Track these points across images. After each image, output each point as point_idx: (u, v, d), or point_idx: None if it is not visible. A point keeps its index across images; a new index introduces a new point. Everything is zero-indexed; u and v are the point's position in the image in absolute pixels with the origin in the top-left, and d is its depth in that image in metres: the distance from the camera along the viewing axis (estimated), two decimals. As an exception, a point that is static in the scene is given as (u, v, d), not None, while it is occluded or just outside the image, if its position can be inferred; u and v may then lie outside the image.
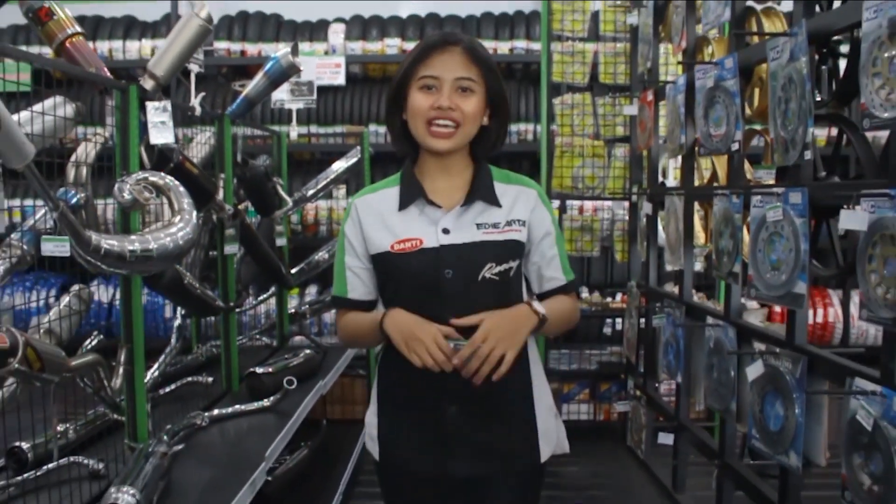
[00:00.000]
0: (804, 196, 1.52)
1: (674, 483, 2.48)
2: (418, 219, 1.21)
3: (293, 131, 3.35)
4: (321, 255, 2.68)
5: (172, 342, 1.91)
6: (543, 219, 1.25)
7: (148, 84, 1.54)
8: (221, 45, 3.70)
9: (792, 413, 1.53)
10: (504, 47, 3.55)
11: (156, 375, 1.79)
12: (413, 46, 1.25)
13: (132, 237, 1.26)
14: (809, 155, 1.52)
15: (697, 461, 2.41)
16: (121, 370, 1.44)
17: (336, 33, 3.67)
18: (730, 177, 2.03)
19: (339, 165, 2.73)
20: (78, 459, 1.40)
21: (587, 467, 1.22)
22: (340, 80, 3.49)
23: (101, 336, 1.46)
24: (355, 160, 2.77)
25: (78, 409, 1.53)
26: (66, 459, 1.38)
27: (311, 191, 2.67)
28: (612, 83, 3.31)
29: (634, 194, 3.04)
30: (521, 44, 3.55)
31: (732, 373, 1.89)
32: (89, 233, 1.18)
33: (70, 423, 1.50)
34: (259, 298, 2.59)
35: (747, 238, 1.79)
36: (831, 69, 1.73)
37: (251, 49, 3.72)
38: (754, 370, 1.65)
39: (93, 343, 1.46)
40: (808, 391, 1.48)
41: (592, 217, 3.39)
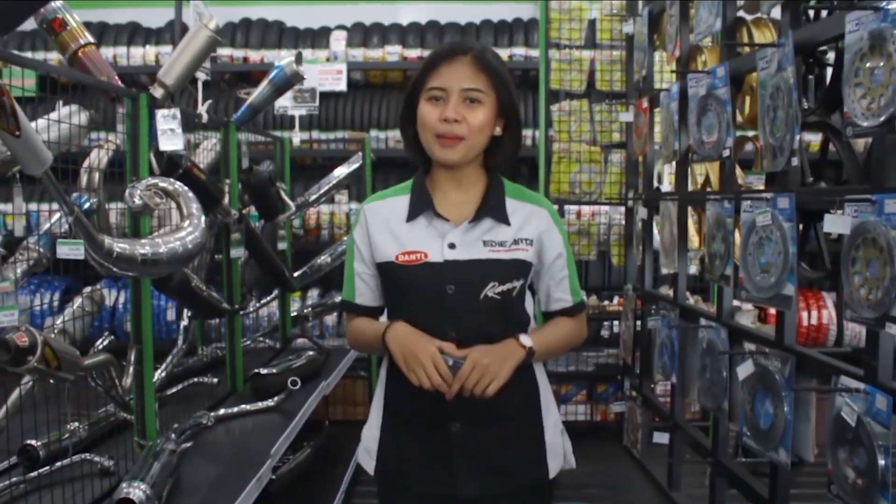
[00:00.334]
0: (791, 201, 1.57)
1: (669, 481, 2.53)
2: (425, 231, 1.20)
3: (296, 137, 3.40)
4: (324, 259, 2.73)
5: (179, 343, 1.96)
6: (555, 240, 1.23)
7: (158, 92, 1.59)
8: (224, 52, 3.74)
9: (781, 411, 1.58)
10: (503, 54, 3.61)
11: (163, 376, 1.84)
12: (412, 54, 1.27)
13: (143, 241, 1.31)
14: (796, 161, 1.57)
15: (692, 460, 2.46)
16: (130, 370, 1.48)
17: (338, 40, 3.73)
18: (722, 182, 2.08)
19: (341, 171, 2.78)
20: (88, 457, 1.44)
21: (584, 467, 1.26)
22: (342, 87, 3.55)
23: (112, 336, 1.51)
24: (357, 166, 2.82)
25: (84, 410, 1.57)
26: (79, 457, 1.42)
27: (314, 196, 2.72)
28: (609, 90, 3.37)
29: (630, 199, 3.10)
30: (520, 51, 3.60)
31: (725, 373, 1.94)
32: (102, 236, 1.22)
33: (79, 422, 1.54)
34: (263, 301, 2.64)
35: (739, 242, 1.84)
36: (818, 78, 1.79)
37: (254, 56, 3.77)
38: (745, 370, 1.70)
39: (104, 343, 1.50)
40: (796, 388, 1.53)
41: (590, 221, 3.44)
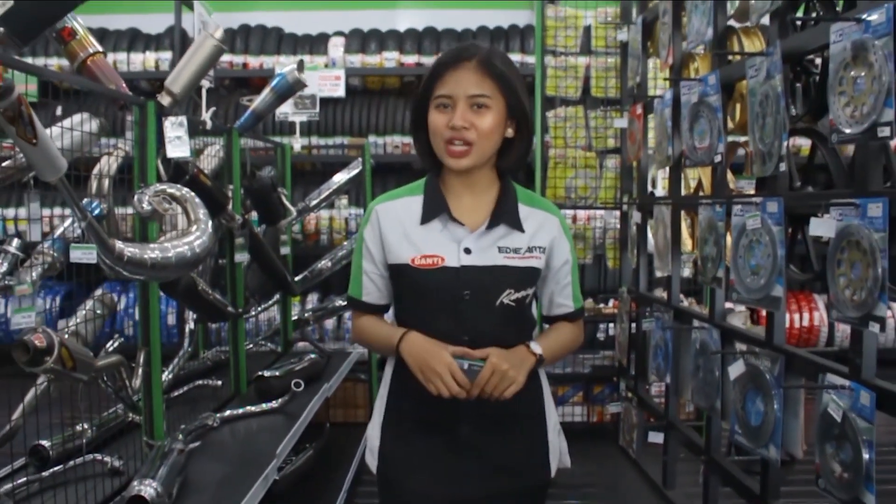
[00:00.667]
0: (780, 205, 1.63)
1: (664, 480, 2.58)
2: (440, 235, 1.20)
3: (296, 143, 3.44)
4: (324, 264, 2.77)
5: (185, 346, 1.99)
6: (563, 248, 1.25)
7: (165, 100, 1.64)
8: (224, 58, 3.79)
9: (771, 409, 1.63)
10: (499, 61, 3.66)
11: (169, 378, 1.88)
12: (409, 60, 1.29)
13: (152, 245, 1.34)
14: (784, 167, 1.62)
15: (687, 459, 2.51)
16: (139, 371, 1.52)
17: (336, 46, 3.78)
18: (714, 187, 2.13)
19: (341, 177, 2.82)
20: (98, 457, 1.48)
21: (581, 467, 1.29)
22: (340, 93, 3.59)
23: (122, 338, 1.55)
24: (357, 171, 2.86)
25: (93, 411, 1.61)
26: (91, 456, 1.46)
27: (314, 201, 2.77)
28: (604, 97, 3.43)
29: (625, 204, 3.15)
30: (516, 57, 3.65)
31: (717, 372, 1.99)
32: (113, 241, 1.26)
33: (88, 423, 1.58)
34: (265, 305, 2.68)
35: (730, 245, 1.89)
36: (805, 85, 1.84)
37: (253, 62, 3.82)
38: (736, 369, 1.75)
39: (114, 345, 1.54)
40: (785, 386, 1.58)
41: (585, 226, 3.49)
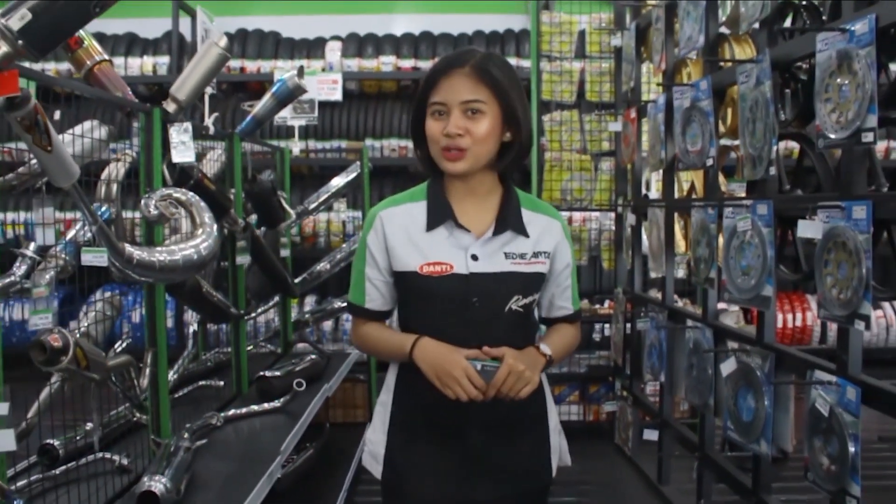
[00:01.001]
0: (769, 208, 1.68)
1: (659, 476, 2.63)
2: (447, 241, 1.20)
3: (295, 147, 3.48)
4: (323, 266, 2.81)
5: (189, 347, 2.03)
6: (565, 252, 1.27)
7: (171, 107, 1.67)
8: (222, 63, 3.82)
9: (762, 405, 1.68)
10: (495, 65, 3.71)
11: (174, 378, 1.91)
12: (406, 64, 1.29)
13: (160, 248, 1.38)
14: (773, 170, 1.68)
15: (681, 455, 2.56)
16: (147, 371, 1.55)
17: (333, 51, 3.82)
18: (706, 190, 2.19)
19: (339, 181, 2.86)
20: (106, 455, 1.51)
21: (578, 465, 1.32)
22: (337, 97, 3.61)
23: (130, 340, 1.58)
24: (355, 175, 2.90)
25: (99, 410, 1.64)
26: (100, 454, 1.49)
27: (313, 204, 2.81)
28: (598, 101, 3.48)
29: (620, 206, 3.20)
30: (512, 61, 3.70)
31: (710, 371, 2.04)
32: (123, 244, 1.30)
33: (96, 421, 1.61)
34: (265, 306, 2.71)
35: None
36: (794, 91, 1.90)
37: (250, 66, 3.85)
38: (728, 366, 1.80)
39: (123, 346, 1.57)
40: (775, 382, 1.63)
41: (581, 227, 3.54)
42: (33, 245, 1.19)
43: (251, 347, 2.60)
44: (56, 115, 1.67)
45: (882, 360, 3.57)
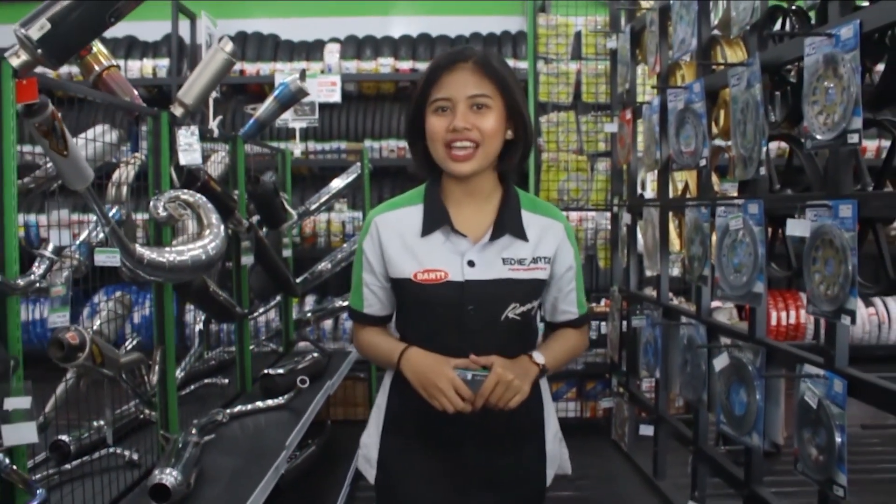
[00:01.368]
0: (760, 207, 1.73)
1: (654, 471, 2.68)
2: (442, 247, 1.17)
3: (296, 148, 3.52)
4: (324, 266, 2.85)
5: (196, 345, 2.07)
6: (568, 255, 1.22)
7: (178, 111, 1.72)
8: (222, 66, 3.85)
9: (753, 398, 1.73)
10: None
11: (181, 376, 1.95)
12: (404, 66, 1.28)
13: (170, 249, 1.42)
14: (764, 171, 1.73)
15: (676, 450, 2.61)
16: (156, 368, 1.60)
17: (331, 53, 3.85)
18: (699, 189, 2.24)
19: (340, 182, 2.91)
20: (117, 450, 1.55)
21: (575, 461, 1.35)
22: (336, 98, 3.66)
23: (140, 338, 1.62)
24: (355, 176, 2.95)
25: (112, 406, 1.68)
26: (112, 449, 1.53)
27: (314, 205, 2.85)
28: (594, 102, 3.53)
29: (615, 205, 3.25)
30: (509, 63, 3.74)
31: (703, 366, 2.09)
32: (134, 245, 1.34)
33: (108, 416, 1.64)
34: (268, 306, 2.75)
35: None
36: (783, 94, 1.95)
37: (250, 68, 3.88)
38: (720, 361, 1.85)
39: (133, 344, 1.61)
40: (765, 375, 1.68)
41: (577, 227, 3.59)
42: (51, 246, 1.23)
43: (253, 346, 2.64)
44: (106, 126, 1.70)
45: (875, 357, 3.63)
